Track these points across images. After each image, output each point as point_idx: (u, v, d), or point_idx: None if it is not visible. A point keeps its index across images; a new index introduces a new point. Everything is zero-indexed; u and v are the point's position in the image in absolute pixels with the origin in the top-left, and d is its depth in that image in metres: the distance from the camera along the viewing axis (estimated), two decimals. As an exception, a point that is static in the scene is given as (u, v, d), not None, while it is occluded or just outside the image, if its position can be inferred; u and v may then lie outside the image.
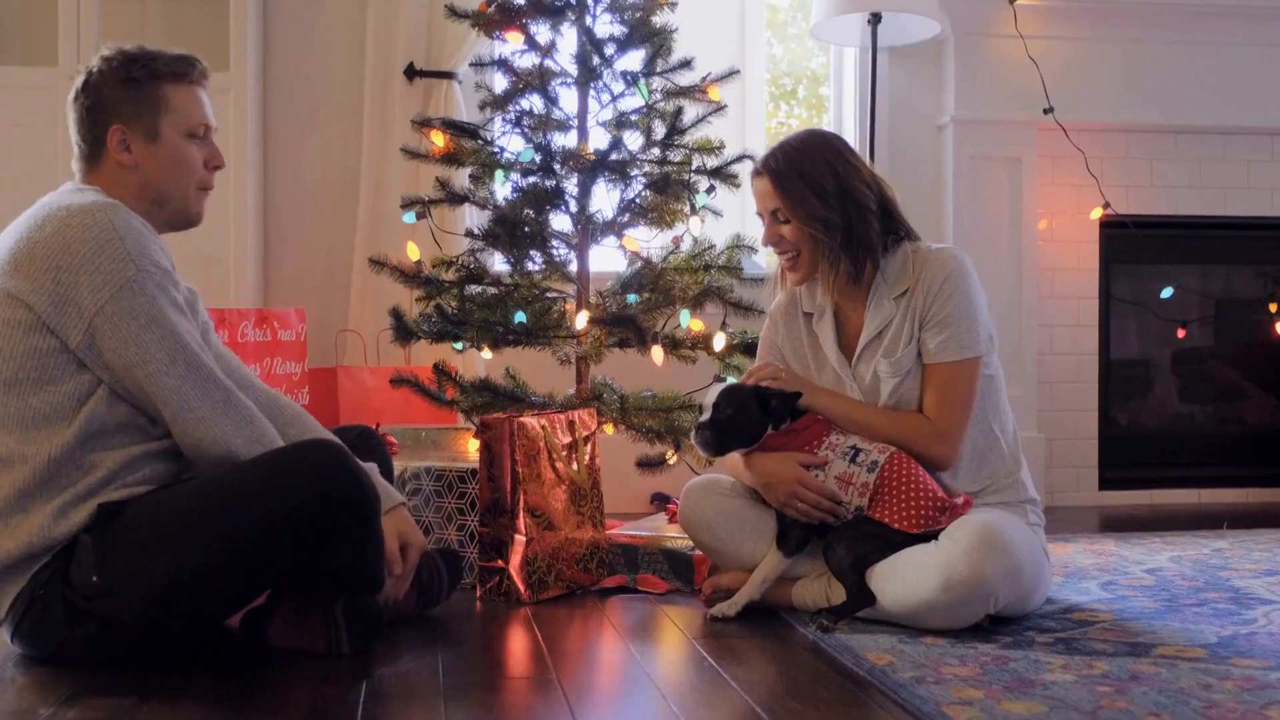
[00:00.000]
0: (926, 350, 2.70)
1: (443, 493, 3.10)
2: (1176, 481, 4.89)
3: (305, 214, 4.45)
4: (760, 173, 2.75)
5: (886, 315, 2.73)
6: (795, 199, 2.68)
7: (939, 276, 2.69)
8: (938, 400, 2.69)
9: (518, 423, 2.86)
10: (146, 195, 2.41)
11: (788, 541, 2.68)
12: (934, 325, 2.68)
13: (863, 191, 2.70)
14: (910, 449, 2.66)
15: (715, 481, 2.85)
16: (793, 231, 2.71)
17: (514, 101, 3.44)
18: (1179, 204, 4.83)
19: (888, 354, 2.73)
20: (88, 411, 2.25)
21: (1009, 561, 2.46)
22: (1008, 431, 2.81)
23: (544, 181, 3.30)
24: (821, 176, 2.67)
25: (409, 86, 4.33)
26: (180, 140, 2.43)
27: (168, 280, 2.30)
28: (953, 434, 2.68)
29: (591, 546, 3.05)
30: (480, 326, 3.18)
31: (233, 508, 2.19)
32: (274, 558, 2.22)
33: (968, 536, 2.45)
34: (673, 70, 3.34)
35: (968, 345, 2.68)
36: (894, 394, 2.72)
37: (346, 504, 2.23)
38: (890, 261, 2.74)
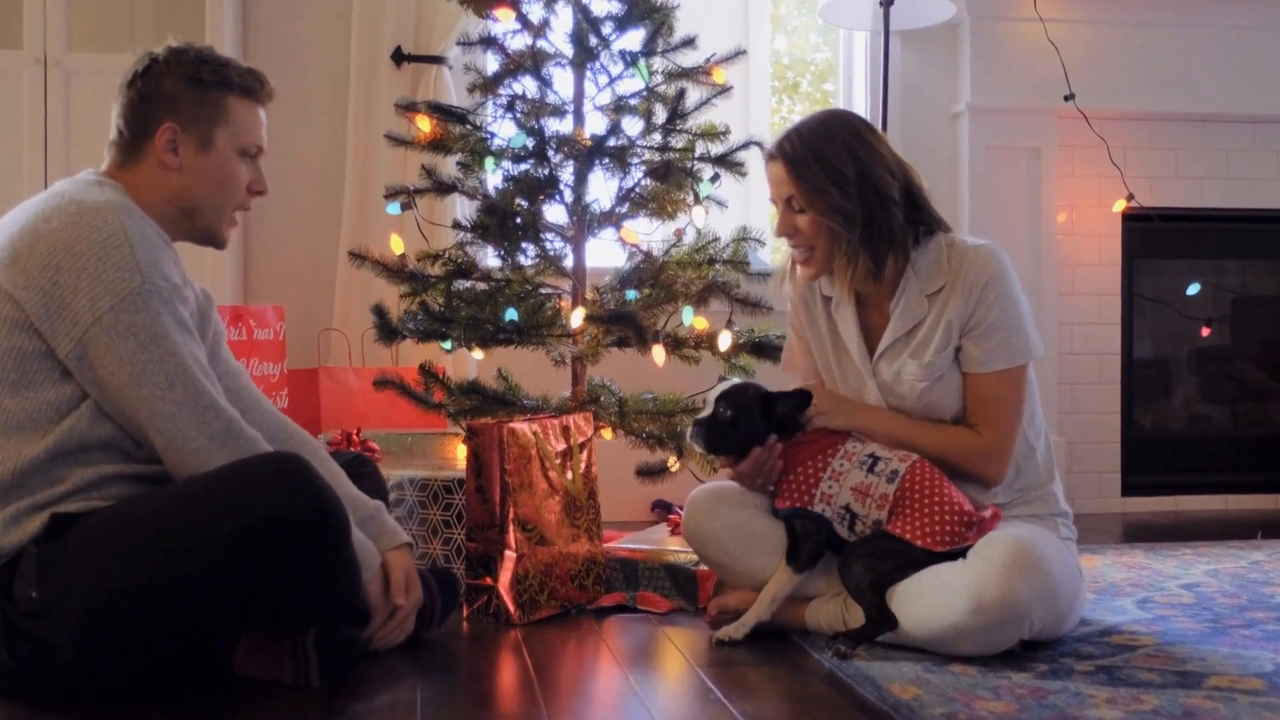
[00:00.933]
0: (971, 359, 2.48)
1: (427, 503, 2.88)
2: (1202, 487, 4.68)
3: (287, 206, 4.22)
4: (774, 157, 2.53)
5: (917, 314, 2.51)
6: (812, 187, 2.46)
7: (980, 279, 2.47)
8: (987, 414, 2.48)
9: (508, 429, 2.64)
10: (179, 203, 2.25)
11: (798, 556, 2.46)
12: (980, 333, 2.47)
13: (886, 179, 2.47)
14: (960, 469, 2.45)
15: (723, 491, 2.63)
16: (808, 223, 2.49)
17: (505, 84, 3.22)
18: (1205, 196, 4.62)
19: (917, 355, 2.51)
20: (67, 426, 2.06)
21: (1045, 582, 2.25)
22: (1042, 440, 2.60)
23: (537, 169, 3.08)
24: (841, 163, 2.45)
25: (396, 72, 4.12)
26: (232, 155, 2.29)
27: (176, 296, 2.12)
28: (1005, 450, 2.48)
29: (587, 561, 2.83)
30: (468, 325, 2.96)
31: (178, 524, 1.98)
32: (223, 582, 2.00)
33: (1000, 554, 2.23)
34: (674, 50, 3.12)
35: (1018, 351, 2.47)
36: (921, 399, 2.51)
37: (305, 523, 2.01)
38: (922, 255, 2.52)
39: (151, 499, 2.06)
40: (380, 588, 2.28)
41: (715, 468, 3.23)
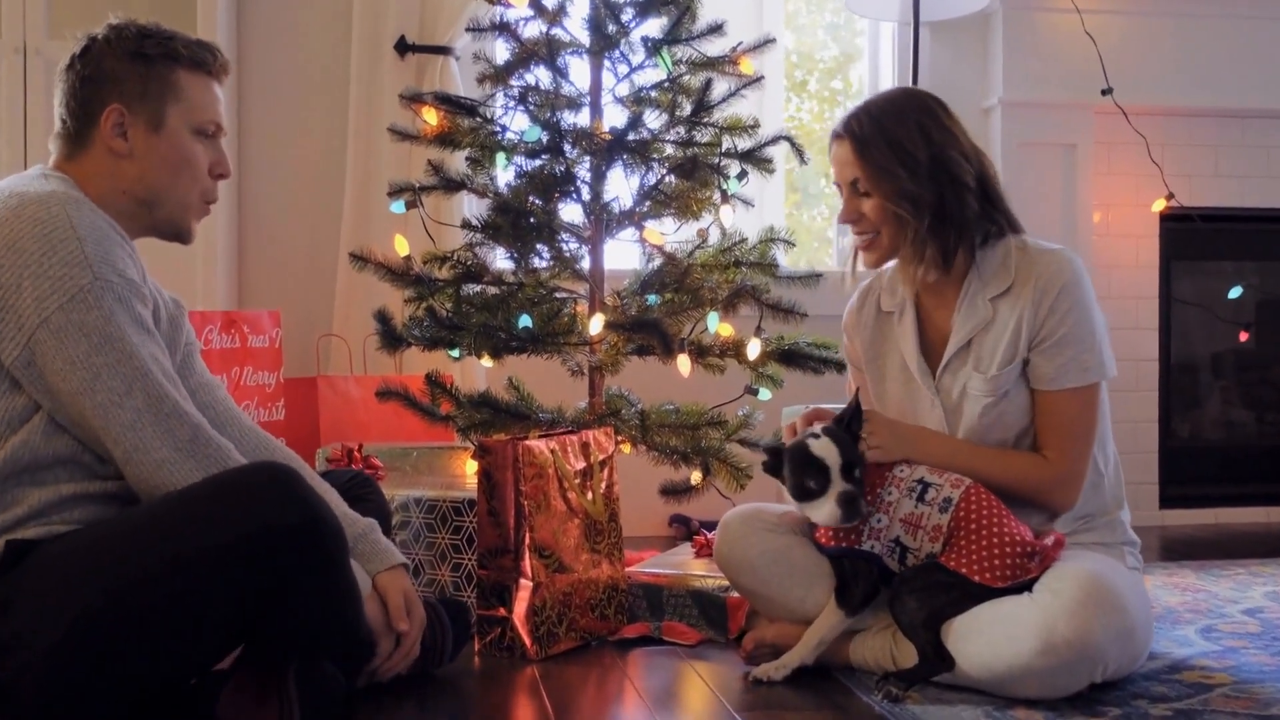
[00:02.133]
0: (1041, 375, 2.27)
1: (435, 526, 2.67)
2: (1241, 499, 4.46)
3: (284, 205, 4.01)
4: (841, 136, 2.33)
5: (981, 318, 2.30)
6: (880, 170, 2.26)
7: (1054, 286, 2.26)
8: (1058, 436, 2.28)
9: (523, 446, 2.43)
10: (136, 193, 2.04)
11: (850, 596, 2.24)
12: (1052, 346, 2.26)
13: (960, 164, 2.27)
14: (1027, 499, 2.25)
15: (759, 513, 2.42)
16: (874, 208, 2.29)
17: (517, 75, 3.01)
18: (1245, 195, 4.40)
19: (981, 368, 2.30)
20: (18, 441, 1.85)
21: (1121, 622, 2.03)
22: (1111, 464, 2.39)
23: (552, 165, 2.86)
24: (913, 144, 2.24)
25: (400, 63, 3.90)
26: (187, 135, 2.06)
27: (132, 293, 1.90)
28: (1077, 476, 2.28)
29: (609, 589, 2.62)
30: (479, 332, 2.74)
31: (153, 542, 1.76)
32: (204, 606, 1.78)
33: (1072, 590, 2.02)
34: (699, 38, 2.90)
35: (1092, 368, 2.27)
36: (985, 416, 2.30)
37: (297, 537, 1.79)
38: (988, 256, 2.32)
39: (123, 518, 1.84)
40: (379, 614, 2.06)
41: (742, 485, 3.03)
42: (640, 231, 2.90)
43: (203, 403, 2.14)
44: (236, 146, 3.94)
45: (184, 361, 2.15)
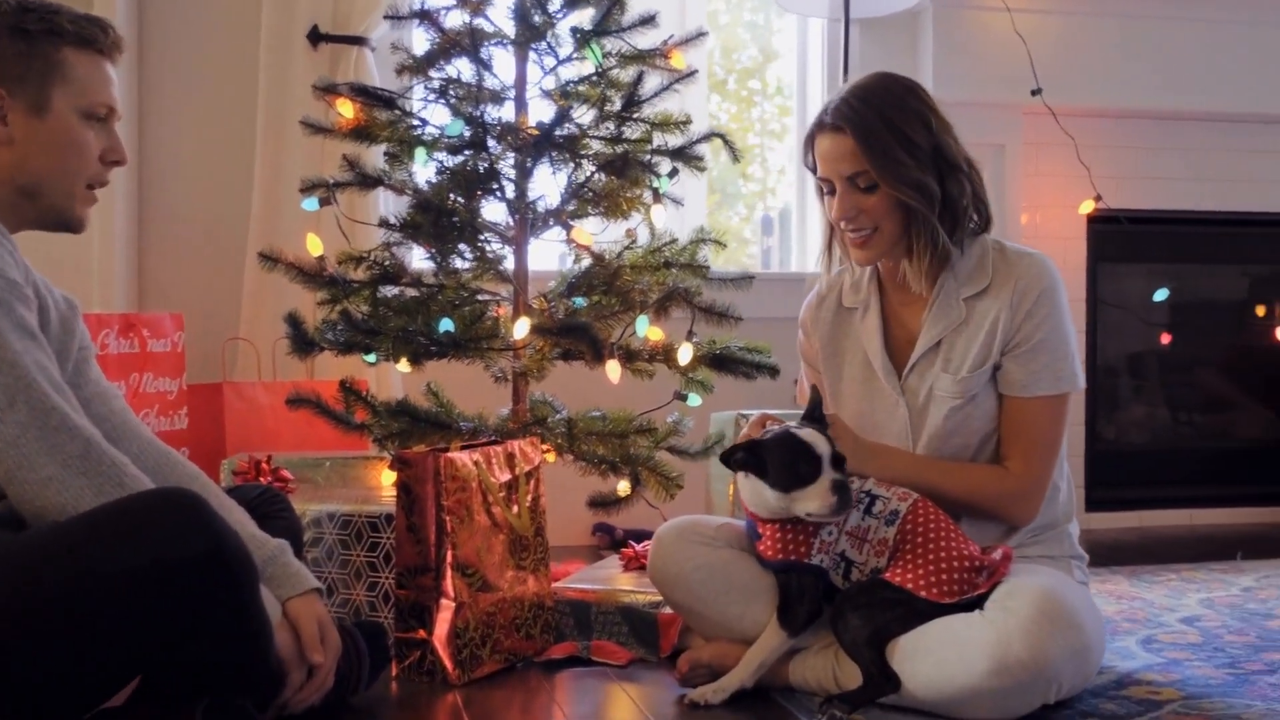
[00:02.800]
0: (1013, 381, 2.19)
1: (350, 543, 2.52)
2: (1166, 501, 4.45)
3: (188, 200, 3.80)
4: (836, 127, 2.18)
5: (954, 319, 2.21)
6: (885, 158, 2.13)
7: (1033, 290, 2.18)
8: (1021, 445, 2.20)
9: (445, 459, 2.29)
10: (17, 182, 1.87)
11: (794, 615, 2.14)
12: (1027, 352, 2.18)
13: (956, 150, 2.19)
14: (987, 512, 2.17)
15: (695, 525, 2.30)
16: (878, 200, 2.17)
17: (438, 66, 2.86)
18: (1171, 198, 4.39)
19: (951, 369, 2.21)
20: None
21: (1077, 640, 1.95)
22: (1065, 478, 2.32)
23: (475, 161, 2.72)
24: (913, 130, 2.15)
25: (313, 53, 3.72)
26: (74, 119, 1.89)
27: (14, 295, 1.74)
28: (1038, 489, 2.21)
29: (534, 606, 2.49)
30: (397, 336, 2.59)
31: (39, 571, 1.59)
32: (95, 644, 1.62)
33: (1026, 607, 1.94)
34: (630, 29, 2.77)
35: (1065, 377, 2.19)
36: (950, 419, 2.21)
37: (200, 570, 1.63)
38: (965, 256, 2.22)
39: (7, 544, 1.67)
40: (290, 644, 1.90)
41: (672, 495, 2.92)
42: (568, 231, 2.77)
43: (97, 414, 1.97)
44: (136, 135, 3.73)
45: (76, 368, 1.98)
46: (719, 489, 3.14)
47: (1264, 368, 4.62)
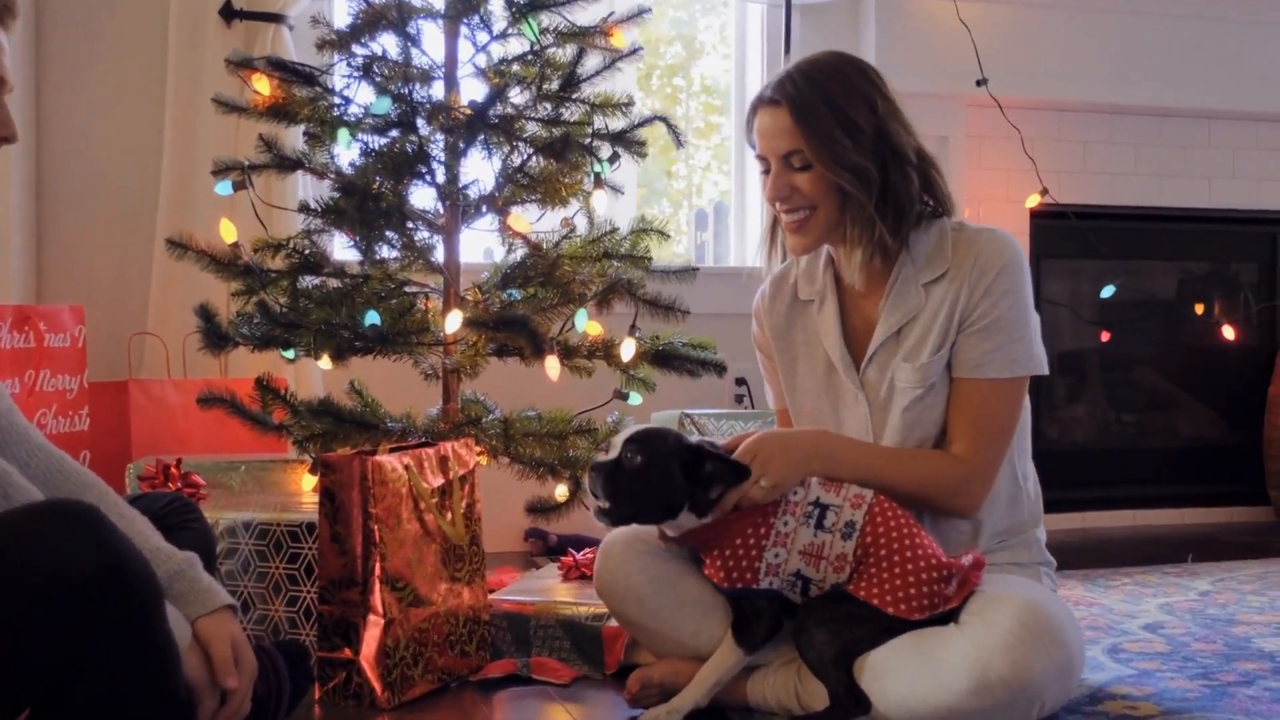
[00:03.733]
0: (964, 360, 2.04)
1: (268, 554, 2.32)
2: (1109, 502, 4.38)
3: (90, 188, 3.55)
4: (774, 101, 2.04)
5: (912, 306, 2.07)
6: (821, 137, 1.98)
7: (993, 266, 2.03)
8: (972, 429, 2.05)
9: (372, 463, 2.10)
10: None
11: (750, 632, 1.98)
12: (980, 329, 2.03)
13: (903, 136, 2.03)
14: (939, 503, 2.02)
15: (644, 535, 2.13)
16: (812, 181, 2.02)
17: (362, 41, 2.66)
18: (1113, 193, 4.32)
19: (910, 357, 2.06)
20: None
21: (1061, 656, 1.82)
22: (1030, 478, 2.19)
23: (403, 143, 2.52)
24: (857, 112, 1.99)
25: (226, 30, 3.49)
26: None
27: None
28: (986, 476, 2.05)
29: (470, 620, 2.31)
30: (319, 330, 2.39)
31: None
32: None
33: (1007, 621, 1.79)
34: (569, 3, 2.60)
35: (1020, 360, 2.04)
36: (910, 410, 2.06)
37: (98, 588, 1.43)
38: (921, 239, 2.08)
39: None
40: (200, 668, 1.70)
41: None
42: (503, 218, 2.58)
43: None
44: (34, 120, 3.47)
45: None
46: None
47: (1206, 366, 4.56)
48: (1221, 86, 4.23)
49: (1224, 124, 4.41)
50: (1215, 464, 4.53)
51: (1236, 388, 4.55)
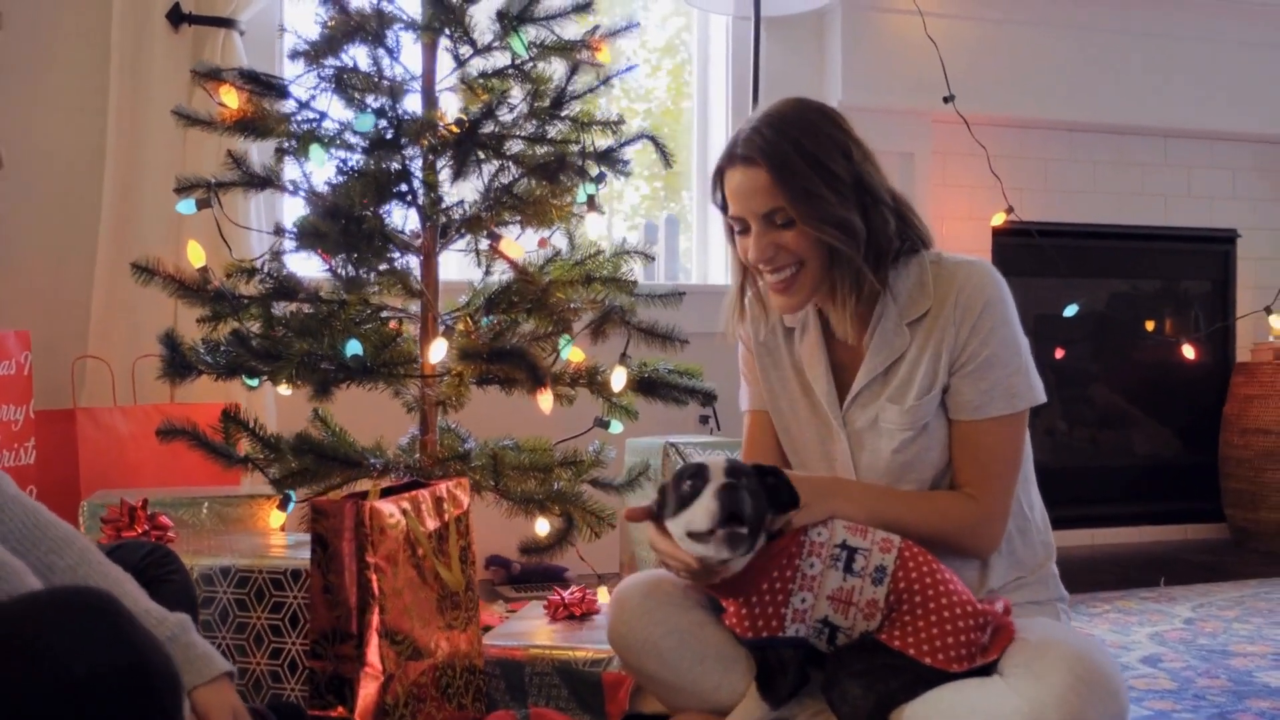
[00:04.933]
0: (963, 403, 1.96)
1: (248, 603, 2.16)
2: (1069, 521, 4.36)
3: (33, 205, 3.34)
4: (749, 159, 1.92)
5: (896, 347, 1.98)
6: (804, 193, 1.87)
7: (976, 303, 1.95)
8: (979, 470, 1.97)
9: (372, 509, 1.95)
10: None
11: (775, 685, 1.87)
12: (974, 369, 1.95)
13: (877, 179, 1.95)
14: (953, 544, 1.93)
15: (660, 583, 2.01)
16: (797, 238, 1.91)
17: (335, 53, 2.51)
18: (1074, 210, 4.31)
19: (896, 399, 1.98)
20: None
21: (1115, 707, 1.73)
22: (1036, 509, 2.12)
23: (385, 161, 2.38)
24: (833, 161, 1.89)
25: (173, 35, 3.31)
26: None
27: None
28: (1001, 515, 1.97)
29: (466, 670, 2.17)
30: (302, 361, 2.23)
31: None
32: None
33: (1059, 674, 1.70)
34: (560, 16, 2.47)
35: (1019, 394, 1.96)
36: (902, 452, 1.98)
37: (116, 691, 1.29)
38: (901, 276, 1.99)
39: None
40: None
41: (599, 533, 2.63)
42: (495, 241, 2.44)
43: None
44: (-33, 129, 3.26)
45: None
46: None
47: (1161, 384, 4.57)
48: (1179, 105, 4.24)
49: (1181, 142, 4.42)
50: (1172, 482, 4.54)
51: (1192, 406, 4.57)
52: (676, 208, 4.28)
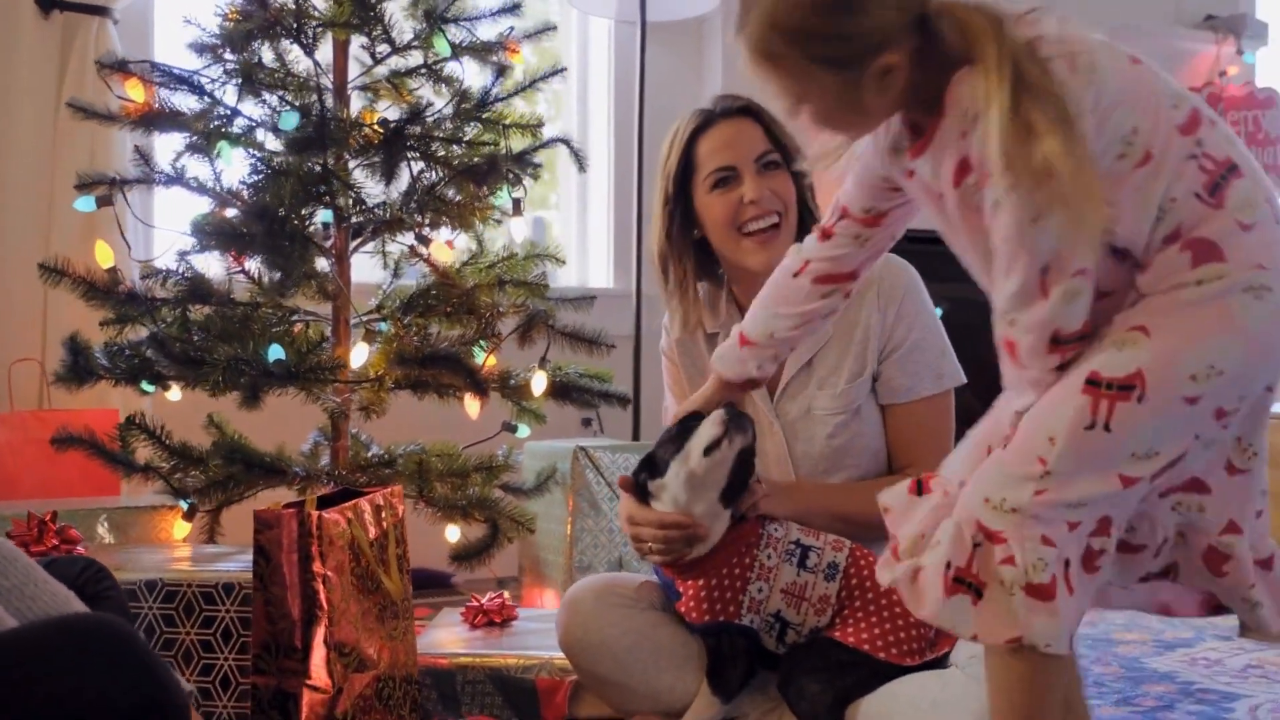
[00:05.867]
0: (895, 387, 2.06)
1: (176, 619, 2.08)
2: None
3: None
4: (741, 110, 2.05)
5: (820, 335, 2.04)
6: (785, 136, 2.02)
7: (897, 291, 2.05)
8: (920, 449, 2.07)
9: (324, 519, 1.90)
10: None
11: (726, 679, 1.91)
12: (903, 355, 2.05)
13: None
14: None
15: (613, 586, 2.03)
16: (785, 183, 2.03)
17: (245, 48, 2.43)
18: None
19: (825, 384, 2.05)
20: None
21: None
22: None
23: (309, 163, 2.31)
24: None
25: (43, 21, 3.14)
26: None
27: None
28: None
29: (404, 681, 2.13)
30: (228, 367, 2.15)
31: None
32: None
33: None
34: (485, 17, 2.45)
35: (945, 374, 2.08)
36: (837, 436, 2.05)
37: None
38: None
39: None
40: None
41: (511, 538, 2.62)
42: (425, 244, 2.41)
43: None
44: None
45: None
46: (553, 529, 2.86)
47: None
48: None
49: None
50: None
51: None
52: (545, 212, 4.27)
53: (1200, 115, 1.38)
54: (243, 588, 2.07)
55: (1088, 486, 1.35)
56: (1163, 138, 1.35)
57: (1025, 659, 1.38)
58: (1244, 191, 1.36)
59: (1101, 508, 1.37)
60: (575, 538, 2.80)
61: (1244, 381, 1.36)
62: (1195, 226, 1.34)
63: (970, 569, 1.40)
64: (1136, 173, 1.34)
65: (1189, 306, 1.34)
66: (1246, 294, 1.33)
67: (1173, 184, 1.35)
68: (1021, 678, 1.41)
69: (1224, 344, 1.33)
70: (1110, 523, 1.38)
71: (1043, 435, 1.38)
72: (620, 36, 3.97)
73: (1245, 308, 1.33)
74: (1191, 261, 1.34)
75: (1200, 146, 1.36)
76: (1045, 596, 1.35)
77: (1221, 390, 1.33)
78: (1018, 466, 1.39)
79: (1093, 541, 1.38)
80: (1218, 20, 4.78)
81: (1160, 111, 1.36)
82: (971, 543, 1.40)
